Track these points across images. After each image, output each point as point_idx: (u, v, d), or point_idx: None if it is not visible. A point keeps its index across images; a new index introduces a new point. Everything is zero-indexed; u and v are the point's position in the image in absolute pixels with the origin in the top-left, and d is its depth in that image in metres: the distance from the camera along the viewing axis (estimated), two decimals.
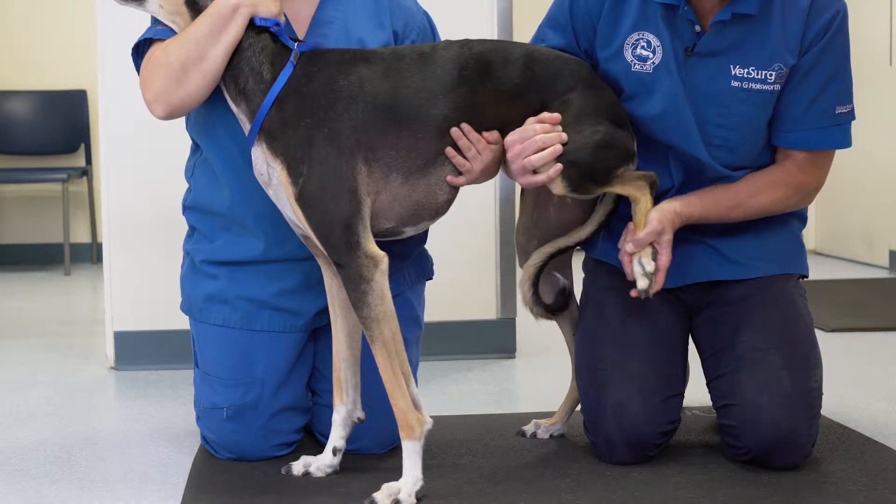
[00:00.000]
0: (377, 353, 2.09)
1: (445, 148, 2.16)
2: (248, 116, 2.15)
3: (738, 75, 2.27)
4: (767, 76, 2.27)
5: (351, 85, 2.13)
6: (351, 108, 2.11)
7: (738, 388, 2.28)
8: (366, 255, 2.08)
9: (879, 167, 5.79)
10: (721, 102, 2.29)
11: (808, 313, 2.40)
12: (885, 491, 2.16)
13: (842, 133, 2.33)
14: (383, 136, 2.12)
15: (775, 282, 2.39)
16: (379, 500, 2.05)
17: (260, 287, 2.38)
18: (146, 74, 2.21)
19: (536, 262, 2.37)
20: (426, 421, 2.12)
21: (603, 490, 2.18)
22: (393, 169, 2.14)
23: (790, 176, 2.34)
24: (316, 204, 2.08)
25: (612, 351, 2.36)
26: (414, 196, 2.18)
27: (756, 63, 2.26)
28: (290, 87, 2.12)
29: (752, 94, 2.28)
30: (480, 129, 2.18)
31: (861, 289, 4.99)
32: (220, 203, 2.38)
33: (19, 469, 2.40)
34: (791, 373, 2.27)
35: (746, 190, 2.32)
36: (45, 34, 6.10)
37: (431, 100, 2.15)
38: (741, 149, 2.33)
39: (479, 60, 2.19)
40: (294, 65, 2.13)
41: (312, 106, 2.11)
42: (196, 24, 2.15)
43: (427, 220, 2.24)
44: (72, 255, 5.96)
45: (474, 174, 2.19)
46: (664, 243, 2.23)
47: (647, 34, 2.29)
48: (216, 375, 2.39)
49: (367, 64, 2.16)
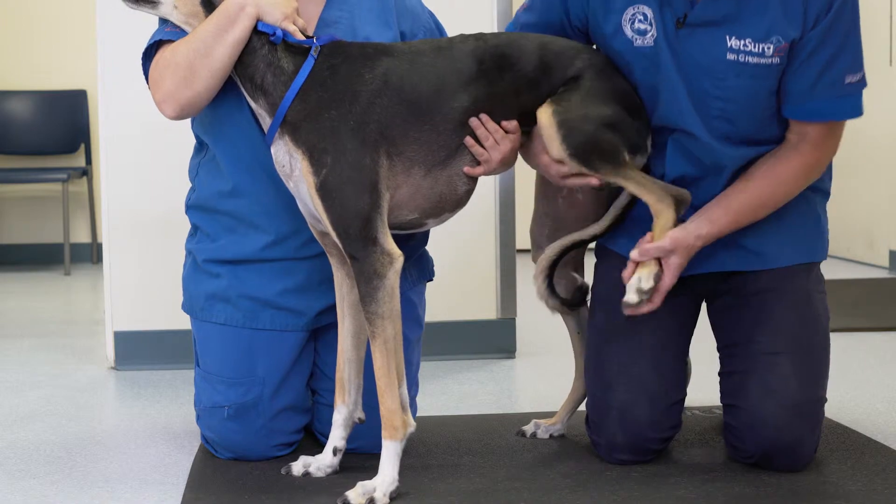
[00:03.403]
0: (376, 351, 2.10)
1: (465, 138, 2.18)
2: (269, 110, 2.15)
3: (733, 47, 2.20)
4: (765, 49, 2.19)
5: (376, 78, 2.14)
6: (375, 102, 2.12)
7: (746, 392, 2.27)
8: (382, 252, 2.09)
9: (880, 167, 5.79)
10: (716, 75, 2.22)
11: (825, 311, 2.35)
12: (885, 491, 2.16)
13: (853, 102, 2.24)
14: (406, 130, 2.13)
15: (794, 276, 2.32)
16: (352, 499, 2.06)
17: (262, 286, 2.38)
18: (155, 75, 2.21)
19: (550, 255, 2.36)
20: (410, 424, 2.14)
21: (603, 490, 2.18)
22: (415, 163, 2.15)
23: (805, 156, 2.25)
24: (337, 195, 2.08)
25: (620, 351, 2.35)
26: (436, 188, 2.19)
27: (753, 35, 2.19)
28: (312, 80, 2.13)
29: (749, 68, 2.20)
30: (499, 120, 2.19)
31: (861, 289, 4.99)
32: (225, 202, 2.38)
33: (19, 469, 2.40)
34: (800, 381, 2.25)
35: (767, 185, 2.24)
36: (45, 34, 6.10)
37: (452, 93, 2.16)
38: (740, 121, 2.25)
39: (495, 53, 2.20)
40: (315, 58, 2.14)
41: (337, 98, 2.11)
42: (204, 23, 2.15)
43: (448, 212, 2.25)
44: (72, 255, 5.96)
45: (493, 164, 2.20)
46: (672, 266, 2.18)
47: (641, 6, 2.24)
48: (217, 374, 2.39)
49: (389, 57, 2.17)
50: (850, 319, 4.08)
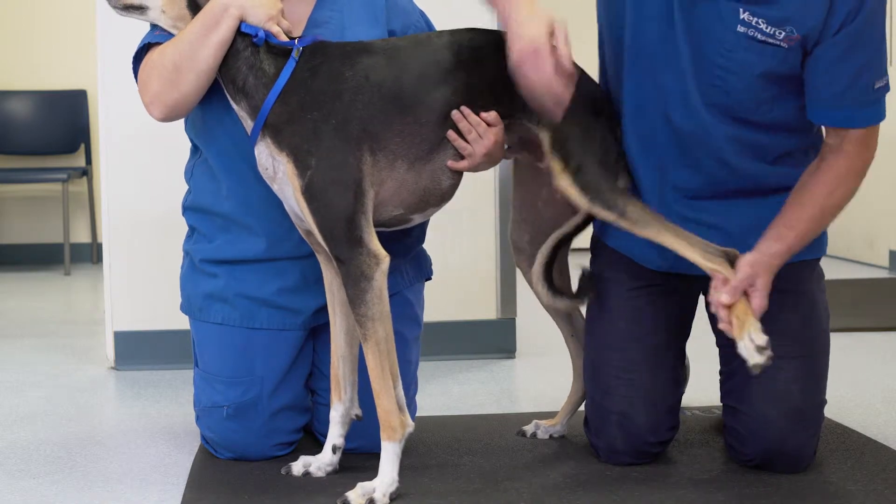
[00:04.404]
0: (368, 352, 2.10)
1: (447, 132, 2.18)
2: (250, 113, 2.15)
3: (745, 20, 2.15)
4: (777, 33, 2.15)
5: (356, 76, 2.14)
6: (357, 99, 2.12)
7: (748, 396, 2.26)
8: (368, 253, 2.08)
9: (880, 167, 5.77)
10: (724, 45, 2.18)
11: (826, 311, 2.35)
12: (885, 491, 2.17)
13: (880, 107, 2.22)
14: (388, 125, 2.13)
15: (796, 274, 2.29)
16: (352, 500, 2.06)
17: (259, 285, 2.38)
18: (143, 77, 2.22)
19: (542, 261, 2.36)
20: (408, 424, 2.13)
21: (603, 490, 2.18)
22: (398, 156, 2.14)
23: (851, 158, 2.24)
24: (322, 196, 2.08)
25: (616, 355, 2.34)
26: (420, 183, 2.19)
27: (768, 17, 2.14)
28: (294, 81, 2.12)
29: (756, 45, 2.16)
30: (481, 111, 2.18)
31: (861, 289, 4.99)
32: (219, 203, 2.38)
33: (19, 469, 2.40)
34: (802, 387, 2.25)
35: (820, 192, 2.21)
36: (45, 34, 6.10)
37: (432, 85, 2.16)
38: (736, 94, 2.21)
39: (471, 45, 2.21)
40: (296, 60, 2.14)
41: (319, 98, 2.11)
42: (190, 25, 2.16)
43: (433, 207, 2.25)
44: (72, 255, 5.96)
45: (477, 158, 2.20)
46: (760, 288, 2.12)
47: None
48: (216, 374, 2.39)
49: (369, 54, 2.17)
50: (850, 319, 4.08)
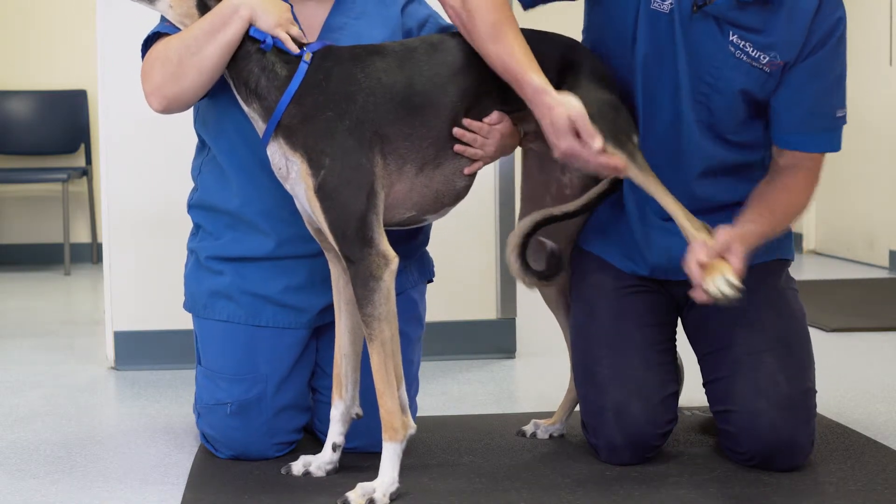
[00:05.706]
0: (373, 352, 2.10)
1: (454, 146, 2.19)
2: (262, 115, 2.16)
3: (734, 42, 2.23)
4: (761, 57, 2.23)
5: (369, 78, 2.15)
6: (369, 101, 2.13)
7: (736, 394, 2.28)
8: (378, 253, 2.09)
9: (880, 167, 5.79)
10: (714, 63, 2.25)
11: (801, 308, 2.39)
12: (885, 491, 2.17)
13: (838, 136, 2.31)
14: (399, 127, 2.14)
15: (766, 275, 2.36)
16: (352, 500, 2.06)
17: (265, 283, 2.38)
18: (147, 67, 2.23)
19: (522, 231, 2.35)
20: (410, 426, 2.14)
21: (603, 490, 2.18)
22: (406, 161, 2.16)
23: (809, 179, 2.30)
24: (335, 196, 2.08)
25: (606, 352, 2.35)
26: (432, 186, 2.20)
27: (755, 42, 2.23)
28: (307, 84, 2.13)
29: (742, 65, 2.24)
30: (492, 108, 2.21)
31: (861, 289, 4.99)
32: (227, 201, 2.39)
33: (19, 469, 2.40)
34: (787, 376, 2.27)
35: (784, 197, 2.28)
36: (45, 34, 6.10)
37: (442, 85, 2.18)
38: (718, 112, 2.28)
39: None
40: (308, 64, 2.14)
41: (332, 99, 2.12)
42: (199, 21, 2.16)
43: (448, 206, 2.27)
44: (72, 255, 5.96)
45: (489, 157, 2.23)
46: (736, 252, 2.14)
47: None
48: (220, 371, 2.40)
49: (381, 56, 2.18)
50: (850, 319, 4.07)
